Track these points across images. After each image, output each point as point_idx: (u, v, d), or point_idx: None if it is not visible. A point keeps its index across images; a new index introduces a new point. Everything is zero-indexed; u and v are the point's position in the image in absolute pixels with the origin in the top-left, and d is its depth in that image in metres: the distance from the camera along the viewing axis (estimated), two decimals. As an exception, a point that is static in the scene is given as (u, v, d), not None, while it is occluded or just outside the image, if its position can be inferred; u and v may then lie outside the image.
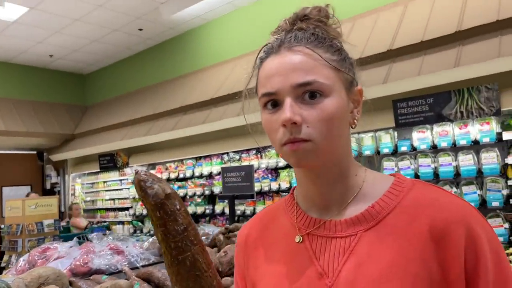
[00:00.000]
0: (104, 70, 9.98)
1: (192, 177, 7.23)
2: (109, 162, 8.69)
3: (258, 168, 6.24)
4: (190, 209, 7.13)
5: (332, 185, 0.74)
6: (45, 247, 1.94)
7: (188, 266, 0.79)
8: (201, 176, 7.08)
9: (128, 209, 8.68)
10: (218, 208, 6.78)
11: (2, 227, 5.52)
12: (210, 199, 7.08)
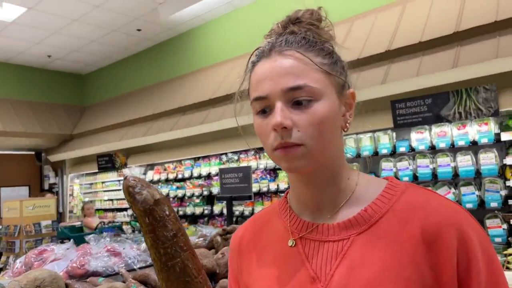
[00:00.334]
0: (103, 71, 9.97)
1: (191, 178, 7.22)
2: (108, 163, 8.67)
3: (257, 169, 6.23)
4: (189, 210, 7.13)
5: (325, 189, 0.74)
6: (42, 249, 1.93)
7: (178, 272, 0.79)
8: (200, 177, 7.07)
9: (127, 210, 8.67)
10: (217, 209, 6.77)
11: (0, 228, 5.51)
12: (209, 200, 7.07)
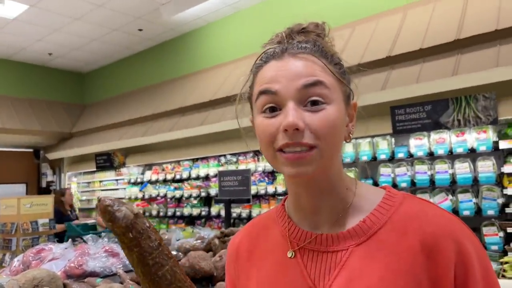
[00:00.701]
0: (103, 69, 9.97)
1: (189, 179, 7.21)
2: (106, 162, 8.66)
3: (255, 171, 6.23)
4: (186, 211, 7.12)
5: (324, 197, 0.73)
6: (40, 248, 1.93)
7: (169, 280, 0.80)
8: (198, 178, 7.07)
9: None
10: (214, 210, 6.76)
11: (-3, 225, 5.50)
12: (206, 201, 7.06)
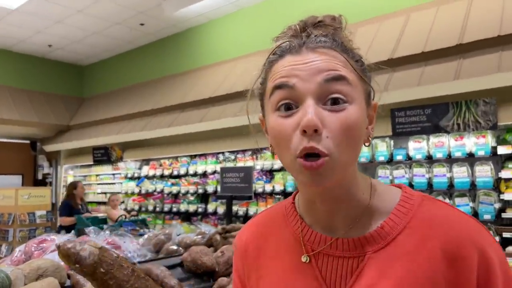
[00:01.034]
0: (103, 63, 9.93)
1: (186, 175, 7.21)
2: (103, 156, 8.64)
3: (253, 169, 6.24)
4: (182, 207, 7.12)
5: (339, 204, 0.69)
6: (42, 239, 1.93)
7: None
8: (195, 174, 7.07)
9: (121, 204, 8.64)
10: (211, 207, 6.77)
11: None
12: (203, 198, 7.07)
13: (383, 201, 0.71)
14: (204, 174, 6.95)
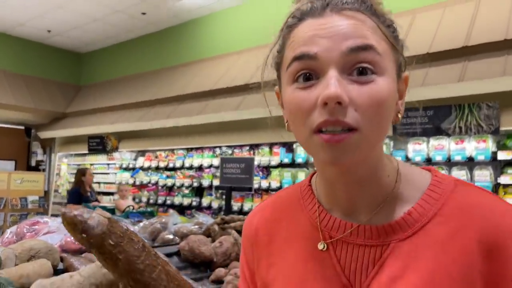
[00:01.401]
0: (103, 51, 9.82)
1: (182, 168, 7.15)
2: (98, 145, 8.55)
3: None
4: (177, 200, 7.05)
5: (362, 187, 0.63)
6: (35, 221, 1.87)
7: (166, 280, 0.72)
8: (191, 168, 7.01)
9: (113, 194, 8.55)
10: (205, 201, 6.71)
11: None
12: (198, 191, 7.01)
13: (411, 185, 0.64)
14: (200, 168, 6.89)
